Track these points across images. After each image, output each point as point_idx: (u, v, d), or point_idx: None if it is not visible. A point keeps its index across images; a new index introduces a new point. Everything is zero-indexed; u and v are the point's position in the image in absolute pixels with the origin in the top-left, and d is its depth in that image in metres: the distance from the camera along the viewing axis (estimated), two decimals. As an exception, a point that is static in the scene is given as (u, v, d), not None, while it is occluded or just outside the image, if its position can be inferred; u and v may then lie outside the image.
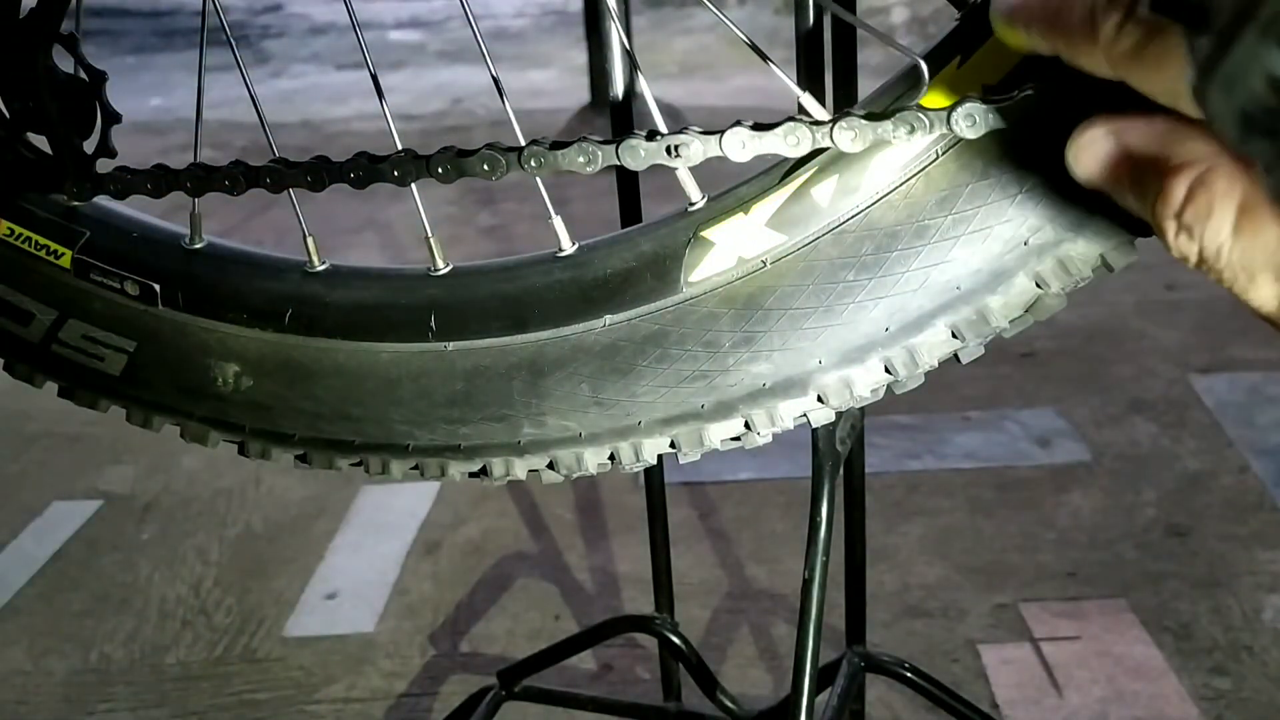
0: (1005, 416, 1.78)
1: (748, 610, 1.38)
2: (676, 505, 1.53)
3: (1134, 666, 1.24)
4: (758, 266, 0.46)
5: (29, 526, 1.64)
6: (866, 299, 0.45)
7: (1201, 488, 1.56)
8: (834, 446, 0.69)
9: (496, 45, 0.95)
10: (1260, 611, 1.31)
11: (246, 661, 1.34)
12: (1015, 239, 0.43)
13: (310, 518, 1.63)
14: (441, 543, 1.56)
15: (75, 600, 1.47)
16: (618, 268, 0.48)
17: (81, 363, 0.55)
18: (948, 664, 1.26)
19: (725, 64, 4.41)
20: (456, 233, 2.73)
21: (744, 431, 0.48)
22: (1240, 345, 1.94)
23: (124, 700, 1.29)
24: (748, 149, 0.41)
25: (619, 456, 0.50)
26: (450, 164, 0.39)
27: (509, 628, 1.38)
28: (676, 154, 0.41)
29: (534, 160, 0.40)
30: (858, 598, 0.99)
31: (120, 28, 5.94)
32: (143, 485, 1.73)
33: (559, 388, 0.49)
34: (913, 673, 0.97)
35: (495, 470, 0.52)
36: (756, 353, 0.46)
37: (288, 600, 1.45)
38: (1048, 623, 1.32)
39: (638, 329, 0.48)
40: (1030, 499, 1.56)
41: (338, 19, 5.89)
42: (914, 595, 1.38)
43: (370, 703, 1.27)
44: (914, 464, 1.66)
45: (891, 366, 0.46)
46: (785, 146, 0.39)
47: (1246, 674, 1.22)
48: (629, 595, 1.42)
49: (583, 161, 0.40)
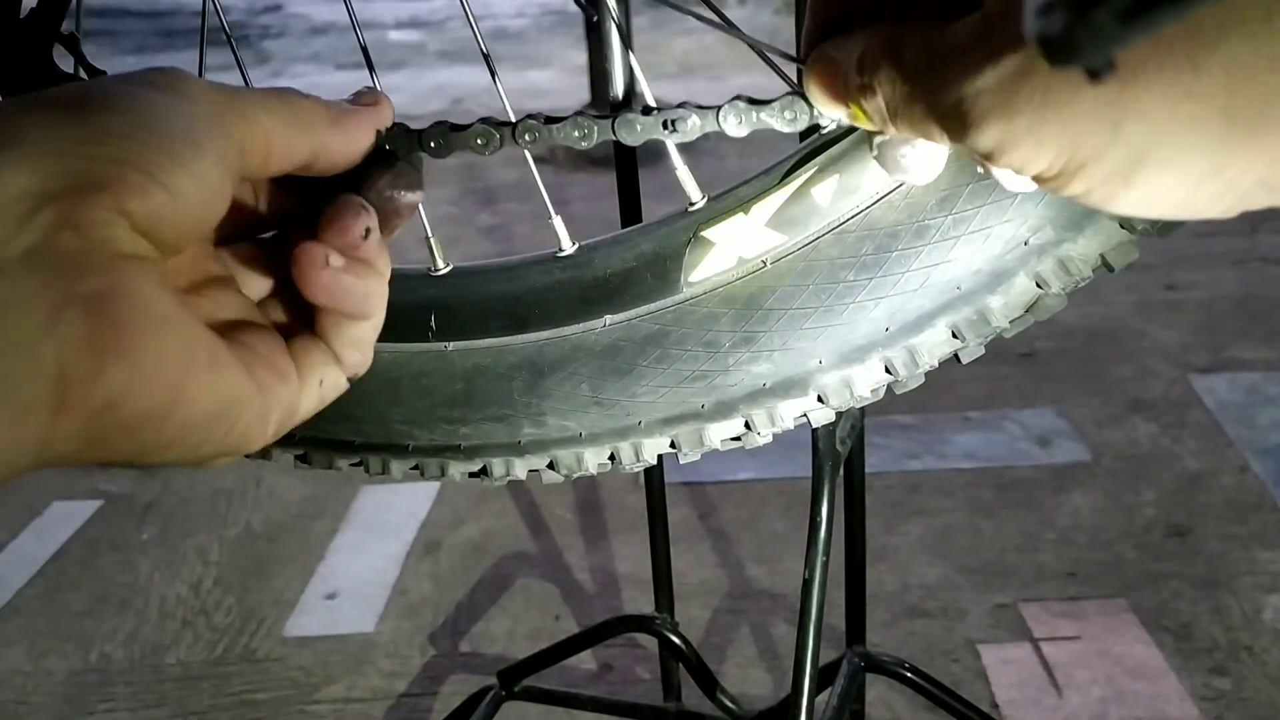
0: (1005, 416, 1.78)
1: (748, 610, 1.38)
2: (676, 505, 1.53)
3: (1134, 666, 1.24)
4: (758, 266, 0.46)
5: (29, 526, 1.64)
6: (867, 299, 0.45)
7: (1202, 487, 1.56)
8: (834, 446, 0.69)
9: (496, 45, 0.95)
10: (1260, 611, 1.31)
11: (246, 661, 1.34)
12: (1015, 239, 0.43)
13: (310, 518, 1.63)
14: (441, 543, 1.55)
15: (75, 600, 1.47)
16: (618, 268, 0.48)
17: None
18: (948, 664, 1.26)
19: (725, 64, 4.41)
20: (456, 233, 2.73)
21: (744, 431, 0.48)
22: (1240, 345, 1.94)
23: (124, 700, 1.29)
24: (744, 124, 0.40)
25: (619, 456, 0.50)
26: (442, 138, 0.39)
27: (509, 628, 1.38)
28: (673, 128, 0.40)
29: (528, 134, 0.40)
30: (858, 598, 0.98)
31: (121, 28, 5.93)
32: (142, 485, 1.73)
33: (559, 388, 0.49)
34: (913, 673, 0.97)
35: (495, 470, 0.52)
36: (757, 353, 0.46)
37: (288, 600, 1.45)
38: (1048, 623, 1.31)
39: (638, 329, 0.47)
40: (1030, 499, 1.56)
41: (338, 19, 5.88)
42: (914, 595, 1.38)
43: (370, 703, 1.26)
44: (914, 464, 1.66)
45: (892, 366, 0.46)
46: (782, 122, 0.38)
47: (1247, 674, 1.22)
48: (629, 595, 1.42)
49: (577, 136, 0.40)
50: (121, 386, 0.25)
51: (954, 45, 0.27)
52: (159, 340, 0.26)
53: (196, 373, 0.28)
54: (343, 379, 0.35)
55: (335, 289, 0.32)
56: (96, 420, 0.26)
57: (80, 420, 0.25)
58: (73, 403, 0.25)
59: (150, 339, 0.26)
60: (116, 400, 0.26)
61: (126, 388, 0.26)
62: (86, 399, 0.25)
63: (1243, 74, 0.22)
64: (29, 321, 0.24)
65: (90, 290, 0.25)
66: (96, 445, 0.26)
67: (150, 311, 0.26)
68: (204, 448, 0.29)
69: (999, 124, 0.26)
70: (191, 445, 0.29)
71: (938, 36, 0.27)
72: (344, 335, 0.34)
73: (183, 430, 0.28)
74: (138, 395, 0.26)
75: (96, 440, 0.26)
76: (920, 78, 0.28)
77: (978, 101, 0.26)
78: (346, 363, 0.35)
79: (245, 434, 0.30)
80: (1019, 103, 0.25)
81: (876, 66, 0.30)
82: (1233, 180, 0.24)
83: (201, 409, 0.28)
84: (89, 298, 0.25)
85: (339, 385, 0.35)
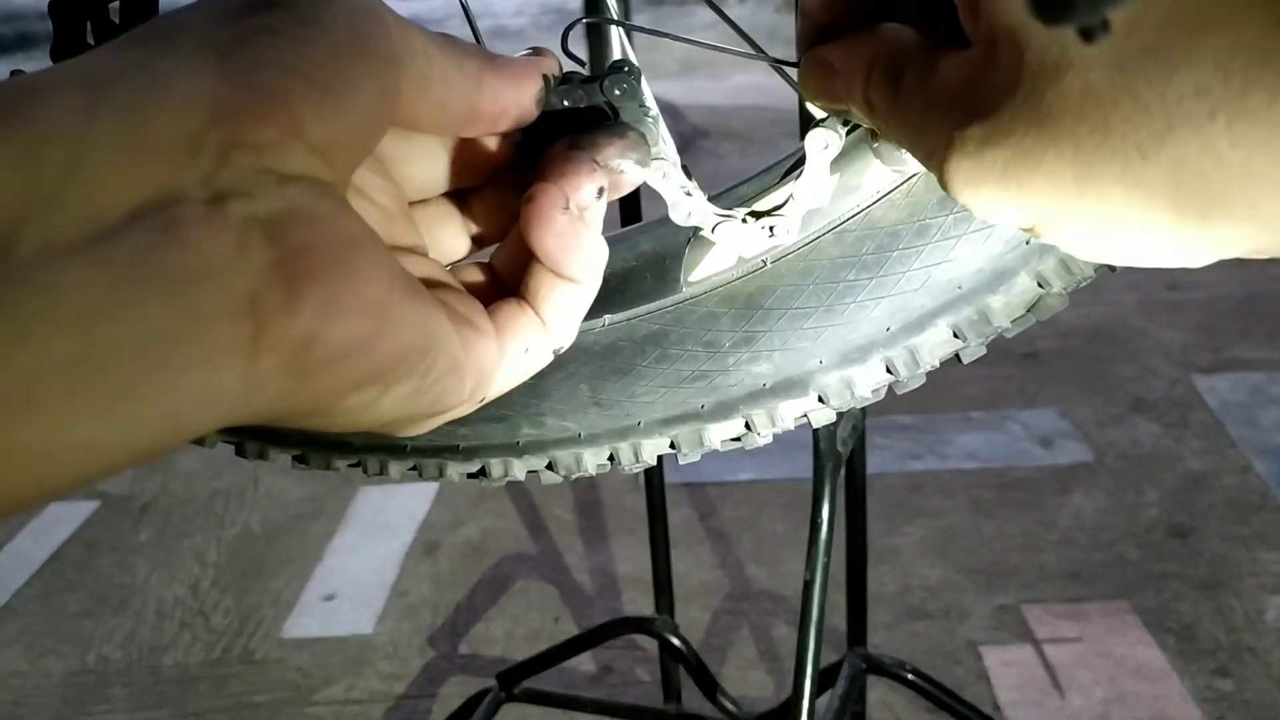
0: (1007, 417, 1.77)
1: (748, 612, 1.37)
2: (677, 506, 1.53)
3: (1136, 668, 1.24)
4: (758, 266, 0.45)
5: (26, 527, 1.64)
6: (867, 298, 0.44)
7: (1204, 488, 1.55)
8: (835, 447, 0.68)
9: (496, 44, 0.96)
10: (1263, 612, 1.31)
11: (244, 663, 1.34)
12: (1017, 238, 0.43)
13: (309, 518, 1.63)
14: (440, 544, 1.55)
15: (73, 601, 1.47)
16: (617, 267, 0.48)
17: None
18: (949, 666, 1.25)
19: (726, 63, 4.40)
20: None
21: (744, 432, 0.48)
22: (1243, 345, 1.94)
23: (122, 702, 1.29)
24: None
25: (618, 457, 0.49)
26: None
27: (508, 629, 1.38)
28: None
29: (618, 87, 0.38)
30: (859, 599, 0.98)
31: (120, 28, 5.94)
32: (140, 486, 1.73)
33: (558, 388, 0.49)
34: (914, 674, 0.97)
35: (494, 471, 0.52)
36: (757, 353, 0.46)
37: (286, 601, 1.45)
38: (1050, 624, 1.31)
39: (637, 329, 0.47)
40: (1032, 499, 1.55)
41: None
42: (915, 596, 1.38)
43: (369, 704, 1.26)
44: (916, 464, 1.66)
45: (893, 366, 0.46)
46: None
47: (1249, 675, 1.21)
48: (629, 596, 1.42)
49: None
50: (318, 312, 0.23)
51: (942, 88, 0.27)
52: (352, 263, 0.24)
53: (396, 297, 0.25)
54: (549, 350, 0.32)
55: (569, 237, 0.30)
56: (298, 357, 0.23)
57: (282, 357, 0.23)
58: (271, 337, 0.22)
59: (343, 262, 0.24)
60: (316, 331, 0.23)
61: (324, 314, 0.23)
62: (285, 332, 0.23)
63: (1188, 168, 0.23)
64: (215, 251, 0.22)
65: (271, 214, 0.23)
66: (300, 388, 0.24)
67: (339, 234, 0.24)
68: (403, 398, 0.26)
69: (968, 189, 0.26)
70: (393, 394, 0.26)
71: (932, 70, 0.27)
72: (556, 299, 0.31)
73: (387, 365, 0.25)
74: (337, 323, 0.24)
75: (300, 380, 0.23)
76: (910, 112, 0.29)
77: (950, 160, 0.26)
78: (554, 332, 0.32)
79: (442, 386, 0.27)
80: (983, 172, 0.26)
81: (875, 83, 0.30)
82: (1195, 255, 0.25)
83: (405, 339, 0.26)
84: (271, 222, 0.23)
85: (544, 356, 0.32)
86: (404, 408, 0.27)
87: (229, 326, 0.22)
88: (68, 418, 0.20)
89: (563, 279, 0.31)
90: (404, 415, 0.27)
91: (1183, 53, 0.22)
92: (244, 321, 0.22)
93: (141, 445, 0.22)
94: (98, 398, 0.21)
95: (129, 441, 0.21)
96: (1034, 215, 0.26)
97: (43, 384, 0.20)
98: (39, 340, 0.20)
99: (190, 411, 0.22)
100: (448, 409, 0.29)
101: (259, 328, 0.22)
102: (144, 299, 0.21)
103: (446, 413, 0.29)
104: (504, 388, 0.32)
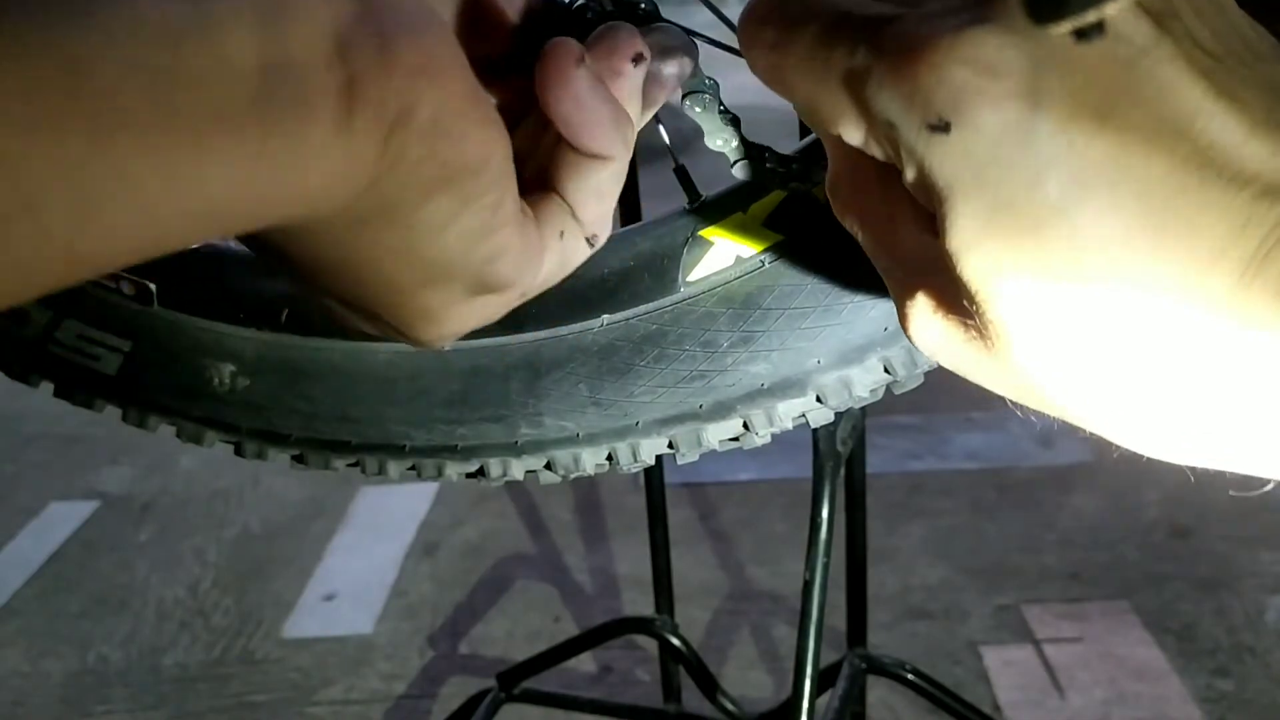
0: (1007, 416, 1.77)
1: (748, 612, 1.37)
2: (677, 506, 1.52)
3: (1136, 668, 1.24)
4: (756, 266, 0.45)
5: (26, 527, 1.63)
6: (865, 298, 0.44)
7: (1204, 488, 1.55)
8: (835, 447, 0.68)
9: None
10: (1263, 613, 1.31)
11: (244, 663, 1.34)
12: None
13: (308, 519, 1.63)
14: (440, 544, 1.55)
15: (72, 601, 1.47)
16: (615, 267, 0.48)
17: (78, 362, 0.54)
18: (949, 666, 1.25)
19: (725, 62, 4.41)
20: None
21: (742, 432, 0.48)
22: (1242, 345, 1.94)
23: (121, 702, 1.29)
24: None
25: (617, 457, 0.49)
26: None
27: (508, 629, 1.38)
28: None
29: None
30: (859, 599, 0.98)
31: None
32: (140, 486, 1.73)
33: (556, 388, 0.49)
34: (914, 674, 0.97)
35: (493, 471, 0.52)
36: (755, 353, 0.46)
37: (286, 601, 1.45)
38: (1050, 624, 1.31)
39: (635, 329, 0.47)
40: (1032, 499, 1.55)
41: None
42: (916, 597, 1.38)
43: (369, 704, 1.26)
44: (916, 464, 1.66)
45: (891, 366, 0.46)
46: None
47: (1249, 675, 1.21)
48: (629, 597, 1.42)
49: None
50: (413, 75, 0.22)
51: (902, 256, 0.28)
52: (442, 46, 0.23)
53: (479, 91, 0.24)
54: (582, 238, 0.30)
55: (585, 102, 0.27)
56: (392, 125, 0.22)
57: (375, 116, 0.22)
58: (365, 89, 0.22)
59: (434, 45, 0.23)
60: (410, 95, 0.23)
61: (418, 80, 0.23)
62: (380, 88, 0.22)
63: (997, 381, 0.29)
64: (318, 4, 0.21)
65: None
66: (392, 167, 0.23)
67: (426, 20, 0.24)
68: (473, 232, 0.25)
69: (914, 342, 0.29)
70: (465, 221, 0.25)
71: (897, 204, 0.27)
72: (583, 181, 0.29)
73: (470, 166, 0.24)
74: (430, 93, 0.23)
75: (393, 155, 0.23)
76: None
77: (902, 311, 0.28)
78: (585, 219, 0.30)
79: (504, 237, 0.27)
80: (910, 329, 0.28)
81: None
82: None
83: (487, 144, 0.25)
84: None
85: (579, 245, 0.30)
86: (470, 247, 0.26)
87: (321, 71, 0.21)
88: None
89: (585, 155, 0.29)
90: (467, 259, 0.26)
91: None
92: (336, 66, 0.21)
93: (238, 202, 0.20)
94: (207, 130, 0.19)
95: (229, 196, 0.20)
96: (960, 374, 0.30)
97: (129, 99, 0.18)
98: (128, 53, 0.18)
99: (288, 162, 0.21)
100: (500, 279, 0.28)
101: (351, 78, 0.22)
102: (233, 25, 0.20)
103: (497, 289, 0.28)
104: (546, 280, 0.30)
